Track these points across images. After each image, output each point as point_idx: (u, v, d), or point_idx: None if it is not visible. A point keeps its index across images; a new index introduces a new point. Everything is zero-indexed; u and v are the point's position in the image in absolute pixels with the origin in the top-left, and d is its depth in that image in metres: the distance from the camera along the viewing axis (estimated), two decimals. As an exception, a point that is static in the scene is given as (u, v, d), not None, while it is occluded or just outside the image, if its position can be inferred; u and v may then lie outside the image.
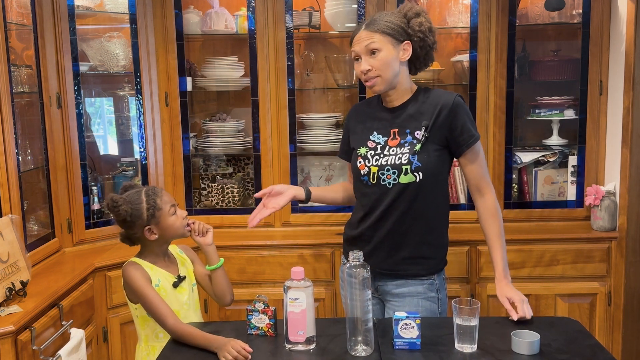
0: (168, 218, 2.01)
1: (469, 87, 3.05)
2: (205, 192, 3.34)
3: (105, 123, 3.45)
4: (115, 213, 1.97)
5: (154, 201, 1.98)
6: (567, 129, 3.17)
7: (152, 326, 2.00)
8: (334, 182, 3.33)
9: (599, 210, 2.96)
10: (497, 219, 2.06)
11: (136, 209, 1.97)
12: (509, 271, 2.05)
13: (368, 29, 2.02)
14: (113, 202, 1.96)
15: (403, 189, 2.02)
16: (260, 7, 3.03)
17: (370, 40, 2.00)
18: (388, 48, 2.00)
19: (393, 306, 2.10)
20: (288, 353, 1.75)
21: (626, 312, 2.94)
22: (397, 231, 2.06)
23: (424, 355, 1.69)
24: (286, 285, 1.74)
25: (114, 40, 3.06)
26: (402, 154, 2.02)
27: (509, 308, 1.91)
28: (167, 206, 2.01)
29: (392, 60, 2.01)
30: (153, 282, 1.98)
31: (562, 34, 3.24)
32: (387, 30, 2.00)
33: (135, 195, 1.99)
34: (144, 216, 1.98)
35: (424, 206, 2.04)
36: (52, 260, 2.70)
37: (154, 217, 1.98)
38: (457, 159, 2.10)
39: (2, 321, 2.00)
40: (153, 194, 2.00)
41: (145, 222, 1.99)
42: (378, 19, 2.03)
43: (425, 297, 2.07)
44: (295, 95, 3.11)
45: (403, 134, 2.05)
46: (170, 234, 2.04)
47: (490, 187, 2.09)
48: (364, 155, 2.10)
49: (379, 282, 2.12)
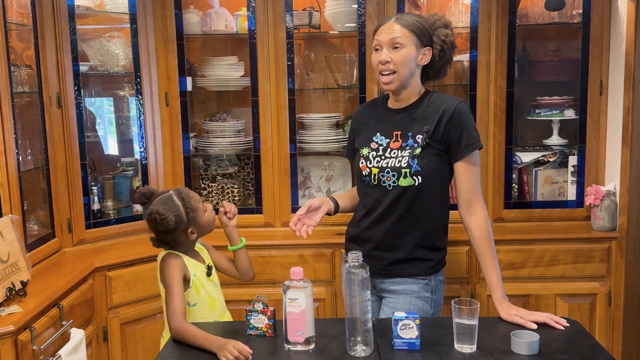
0: (203, 216, 2.07)
1: (469, 87, 3.05)
2: (205, 192, 3.34)
3: (105, 123, 3.46)
4: (163, 224, 1.98)
5: (190, 203, 2.03)
6: (567, 129, 3.17)
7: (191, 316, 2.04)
8: (334, 182, 3.33)
9: (599, 210, 2.96)
10: (490, 239, 2.02)
11: (178, 215, 2.00)
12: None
13: (398, 22, 2.03)
14: (160, 215, 1.97)
15: (402, 191, 2.02)
16: (260, 7, 3.03)
17: (397, 33, 2.01)
18: (411, 47, 2.02)
19: (387, 302, 2.12)
20: (287, 353, 1.75)
21: (626, 312, 2.93)
22: (394, 232, 2.07)
23: (423, 356, 1.69)
24: (285, 285, 1.74)
25: (114, 40, 3.06)
26: (403, 157, 2.02)
27: (524, 322, 1.87)
28: (200, 205, 2.07)
29: (411, 60, 2.03)
30: (191, 273, 2.03)
31: (562, 34, 3.24)
32: (415, 30, 2.02)
33: (170, 202, 2.02)
34: (185, 220, 2.01)
35: (422, 209, 2.04)
36: (52, 260, 2.71)
37: (194, 219, 2.03)
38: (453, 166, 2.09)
39: (2, 321, 2.01)
40: (187, 197, 2.04)
41: (186, 225, 2.03)
42: (408, 15, 2.06)
43: (418, 297, 2.08)
44: (295, 95, 3.10)
45: (405, 137, 2.05)
46: (207, 230, 2.12)
47: (481, 203, 2.04)
48: (366, 156, 2.11)
49: (377, 280, 2.14)
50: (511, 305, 1.96)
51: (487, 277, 2.02)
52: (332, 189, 3.32)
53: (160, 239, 2.07)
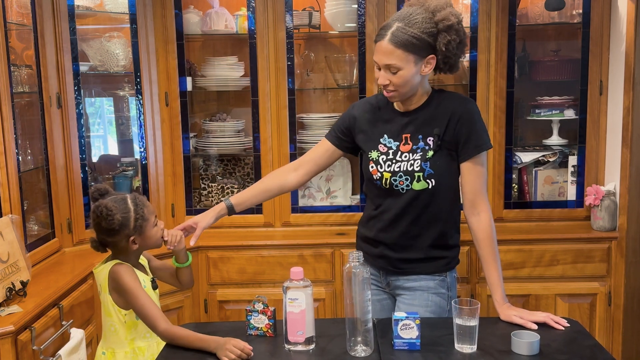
0: (151, 229, 1.94)
1: (469, 87, 3.05)
2: (205, 192, 3.34)
3: (105, 123, 3.46)
4: (107, 221, 1.85)
5: (142, 211, 1.91)
6: (567, 129, 3.17)
7: (140, 328, 1.95)
8: (334, 182, 3.33)
9: (599, 210, 2.96)
10: (493, 240, 2.01)
11: (126, 218, 1.89)
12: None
13: (392, 43, 1.88)
14: (107, 209, 1.84)
15: (416, 195, 2.00)
16: (260, 7, 3.03)
17: (391, 57, 1.89)
18: (409, 67, 1.90)
19: (403, 300, 2.09)
20: (287, 353, 1.75)
21: (626, 312, 2.94)
22: (408, 234, 2.04)
23: (423, 356, 1.69)
24: (285, 285, 1.74)
25: (114, 40, 3.06)
26: (414, 161, 1.99)
27: (524, 323, 1.87)
28: (152, 217, 1.95)
29: (411, 77, 1.92)
30: (141, 284, 1.93)
31: (562, 34, 3.24)
32: (412, 48, 1.88)
33: (123, 203, 1.90)
34: (131, 226, 1.89)
35: (436, 211, 2.02)
36: (52, 260, 2.70)
37: (140, 227, 1.91)
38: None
39: (2, 321, 2.01)
40: (141, 204, 1.92)
41: (131, 232, 1.90)
42: (404, 30, 1.88)
43: (435, 293, 2.06)
44: (295, 95, 3.10)
45: (415, 140, 2.01)
46: (150, 244, 1.97)
47: (486, 204, 2.02)
48: (375, 160, 2.06)
49: (390, 278, 2.11)
50: (511, 306, 1.96)
51: (488, 278, 2.01)
52: (332, 189, 3.32)
53: (100, 240, 1.94)
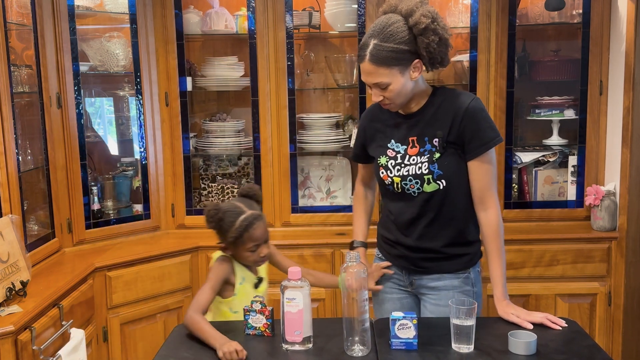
0: (244, 252, 2.03)
1: (469, 87, 3.05)
2: (205, 192, 3.35)
3: (105, 123, 3.46)
4: (207, 220, 2.01)
5: (243, 233, 1.98)
6: (567, 129, 3.17)
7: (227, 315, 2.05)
8: (334, 182, 3.33)
9: (599, 210, 2.95)
10: (499, 237, 2.00)
11: (223, 229, 1.99)
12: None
13: (372, 62, 1.87)
14: (215, 210, 1.99)
15: (429, 197, 1.99)
16: (260, 7, 3.03)
17: (376, 75, 1.89)
18: (397, 79, 1.89)
19: (429, 300, 2.07)
20: (285, 353, 1.75)
21: (626, 312, 2.93)
22: (427, 235, 2.03)
23: (420, 356, 1.69)
24: (283, 285, 1.74)
25: (114, 40, 3.07)
26: (422, 163, 1.98)
27: (520, 322, 1.87)
28: (250, 244, 2.00)
29: (403, 87, 1.92)
30: (237, 280, 2.03)
31: (562, 34, 3.24)
32: (393, 62, 1.87)
33: (232, 217, 1.98)
34: (227, 239, 2.00)
35: (451, 210, 2.01)
36: (52, 260, 2.71)
37: (233, 245, 2.01)
38: None
39: (2, 321, 2.01)
40: (249, 227, 1.98)
41: (225, 242, 2.02)
42: (380, 47, 1.86)
43: (461, 291, 2.04)
44: (295, 95, 3.11)
45: (422, 142, 2.00)
46: (242, 261, 2.06)
47: (495, 201, 2.01)
48: (384, 165, 2.04)
49: (414, 277, 2.09)
50: (510, 303, 1.95)
51: (491, 272, 2.01)
52: (332, 189, 3.33)
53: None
